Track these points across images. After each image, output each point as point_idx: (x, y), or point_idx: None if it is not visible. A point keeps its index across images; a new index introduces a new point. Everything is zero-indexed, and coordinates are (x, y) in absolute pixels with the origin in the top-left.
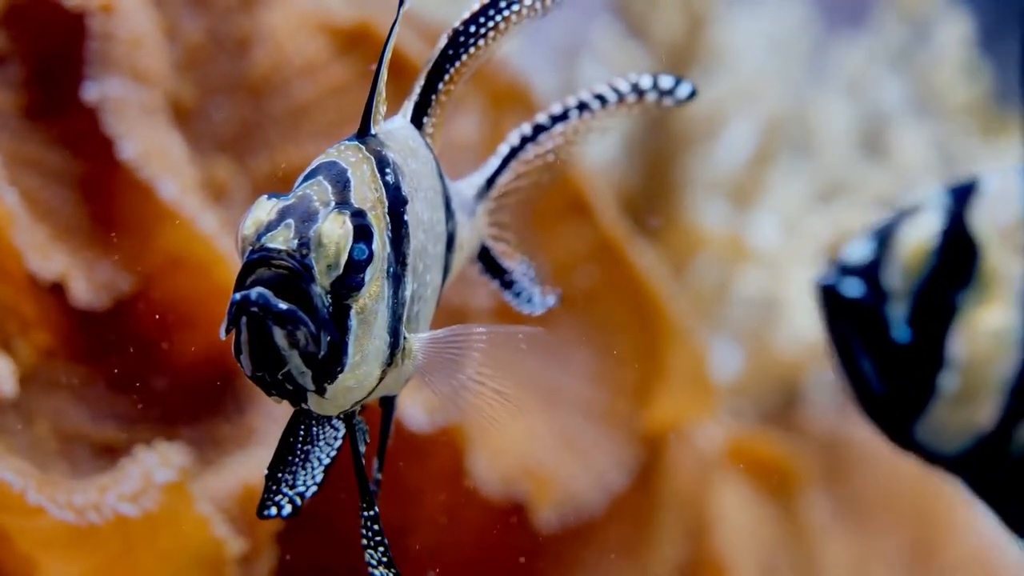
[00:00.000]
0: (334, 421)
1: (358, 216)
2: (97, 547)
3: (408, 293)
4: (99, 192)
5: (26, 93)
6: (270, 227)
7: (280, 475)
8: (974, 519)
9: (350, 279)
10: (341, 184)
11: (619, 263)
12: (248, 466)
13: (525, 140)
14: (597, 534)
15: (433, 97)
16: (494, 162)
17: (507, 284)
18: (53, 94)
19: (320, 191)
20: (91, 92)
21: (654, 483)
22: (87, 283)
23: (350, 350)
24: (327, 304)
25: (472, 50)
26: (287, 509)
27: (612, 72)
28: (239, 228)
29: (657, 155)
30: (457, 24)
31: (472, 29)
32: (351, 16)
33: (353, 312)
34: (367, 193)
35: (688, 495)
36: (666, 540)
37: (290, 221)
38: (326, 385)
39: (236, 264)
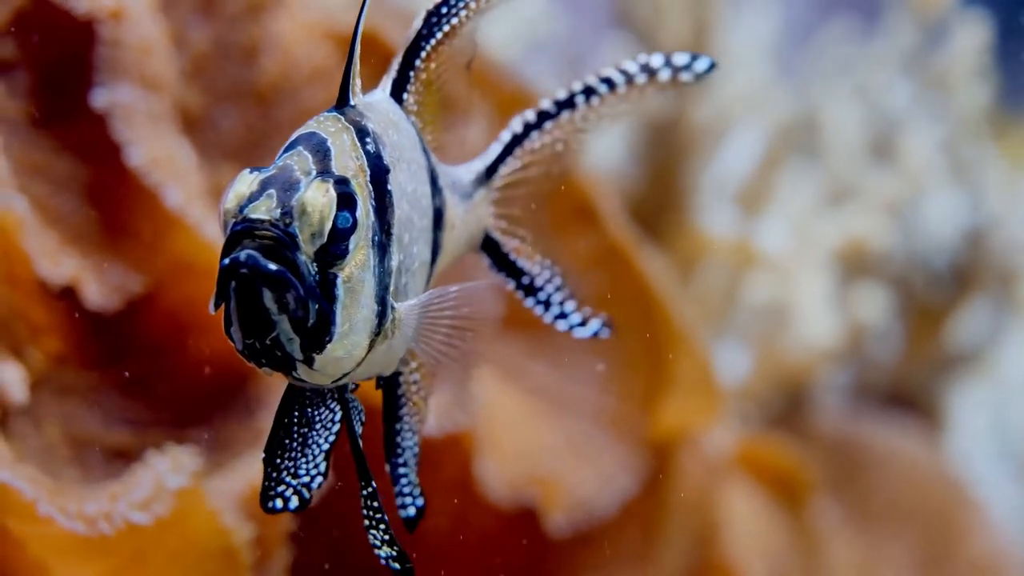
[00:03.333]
0: (329, 402)
1: (341, 184)
2: (109, 552)
3: (394, 263)
4: (108, 198)
5: (34, 100)
6: (252, 198)
7: (279, 461)
8: (986, 522)
9: (335, 247)
10: (322, 153)
11: (627, 269)
12: (258, 468)
13: (529, 127)
14: (606, 540)
15: (411, 74)
16: (495, 148)
17: (529, 290)
18: (61, 101)
19: (301, 161)
20: (100, 98)
21: (663, 489)
22: (98, 286)
23: (338, 319)
24: (313, 272)
25: (447, 28)
26: (294, 502)
27: None
28: (221, 202)
29: (665, 160)
30: (430, 6)
31: (444, 10)
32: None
33: (340, 281)
34: (348, 162)
35: (697, 500)
36: (675, 546)
37: (272, 191)
38: (314, 355)
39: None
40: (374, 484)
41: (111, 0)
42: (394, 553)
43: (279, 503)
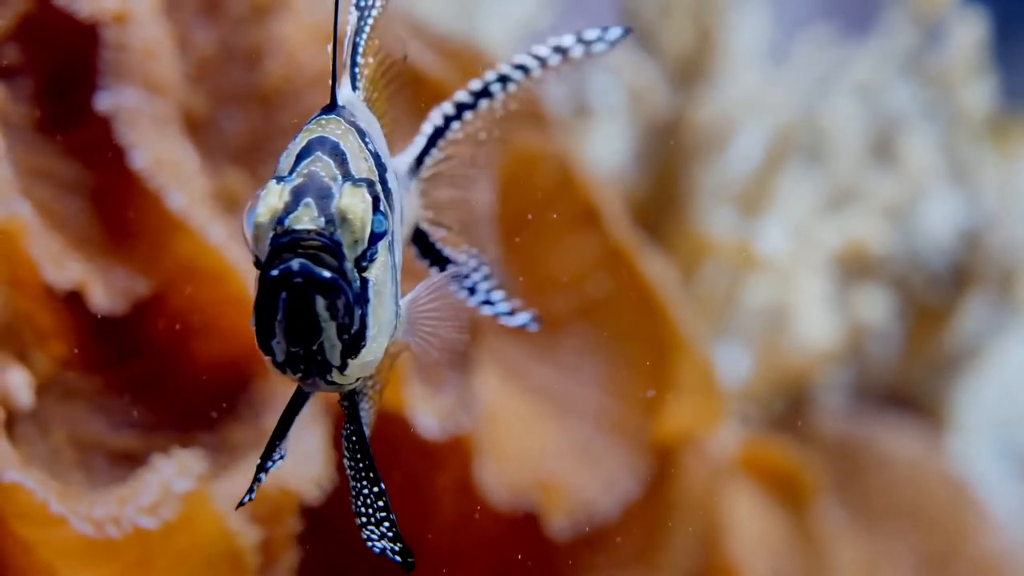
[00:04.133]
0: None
1: (371, 187)
2: (116, 555)
3: (398, 261)
4: (112, 202)
5: (38, 104)
6: (289, 209)
7: (270, 465)
8: (988, 522)
9: (370, 251)
10: (340, 157)
11: (630, 272)
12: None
13: (448, 119)
14: (609, 543)
15: (356, 71)
16: (419, 141)
17: (455, 278)
18: (65, 105)
19: (324, 166)
20: (104, 102)
21: (665, 491)
22: (104, 290)
23: (370, 322)
24: (356, 279)
25: (371, 21)
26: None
27: (621, 81)
28: (250, 216)
29: (666, 163)
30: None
31: (364, 2)
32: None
33: (370, 285)
34: (361, 164)
35: (700, 503)
36: (678, 548)
37: (309, 200)
38: (349, 360)
39: (246, 265)
40: (382, 484)
41: (115, 3)
42: (397, 547)
43: (247, 499)
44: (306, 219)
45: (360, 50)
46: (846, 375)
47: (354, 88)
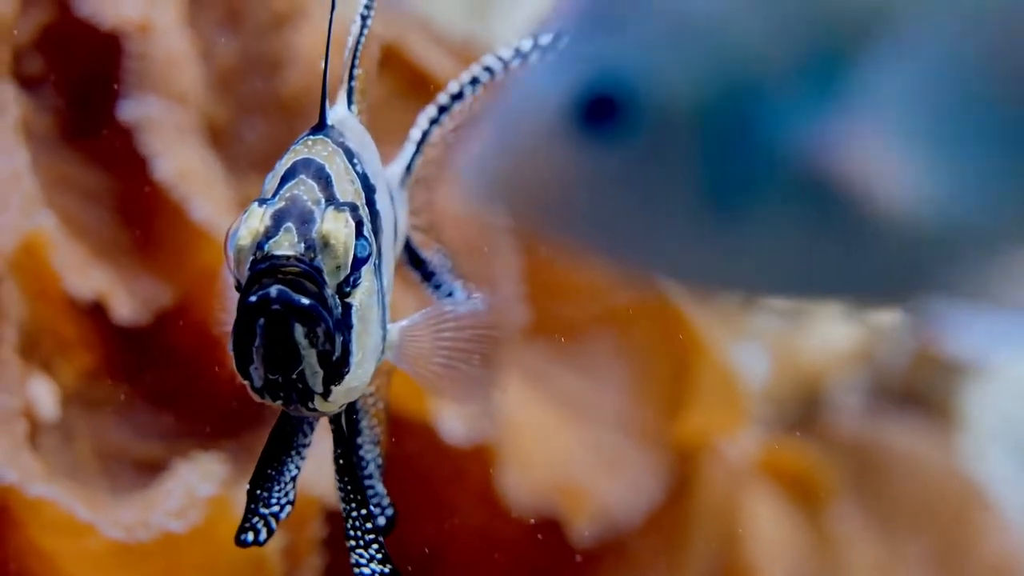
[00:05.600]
0: (304, 427)
1: (354, 211)
2: (143, 562)
3: (386, 283)
4: (135, 212)
5: (61, 114)
6: (268, 234)
7: (259, 492)
8: (1001, 522)
9: (353, 277)
10: (324, 180)
11: None
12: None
13: (432, 122)
14: (631, 549)
15: (352, 84)
16: (409, 148)
17: (427, 276)
18: (88, 114)
19: (307, 189)
20: (127, 111)
21: (688, 496)
22: (127, 300)
23: (354, 348)
24: (337, 304)
25: (365, 31)
26: (263, 535)
27: None
28: (232, 239)
29: None
30: (361, 9)
31: (365, 12)
32: (380, 35)
33: (354, 310)
34: (347, 186)
35: (721, 507)
36: (699, 553)
37: (289, 225)
38: (332, 387)
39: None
40: (370, 507)
41: (139, 13)
42: (387, 571)
43: (250, 536)
44: (286, 244)
45: (357, 63)
46: (861, 376)
47: (350, 104)
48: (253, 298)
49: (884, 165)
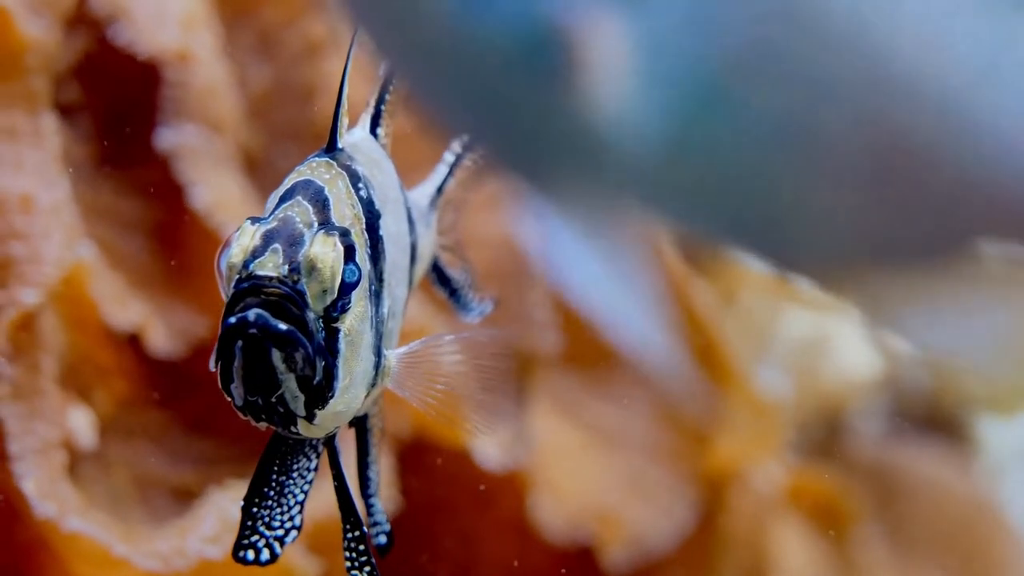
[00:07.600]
0: (307, 450)
1: (345, 236)
2: None
3: (386, 310)
4: (172, 240)
5: (99, 142)
6: (256, 253)
7: (256, 510)
8: (1021, 547)
9: (340, 302)
10: (320, 203)
11: (680, 303)
12: (316, 499)
13: (466, 148)
14: (663, 575)
15: (382, 108)
16: (442, 170)
17: (453, 294)
18: (124, 143)
19: (301, 212)
20: (165, 140)
21: (718, 523)
22: (164, 331)
23: (339, 374)
24: (320, 329)
25: None
26: (265, 555)
27: None
28: (224, 255)
29: None
30: None
31: None
32: None
33: (342, 335)
34: (346, 211)
35: (749, 533)
36: None
37: (277, 246)
38: (316, 411)
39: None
40: (364, 528)
41: (176, 42)
42: None
43: (250, 554)
44: (270, 265)
45: (389, 88)
46: (883, 402)
47: (375, 128)
48: (232, 319)
49: (616, 57)
